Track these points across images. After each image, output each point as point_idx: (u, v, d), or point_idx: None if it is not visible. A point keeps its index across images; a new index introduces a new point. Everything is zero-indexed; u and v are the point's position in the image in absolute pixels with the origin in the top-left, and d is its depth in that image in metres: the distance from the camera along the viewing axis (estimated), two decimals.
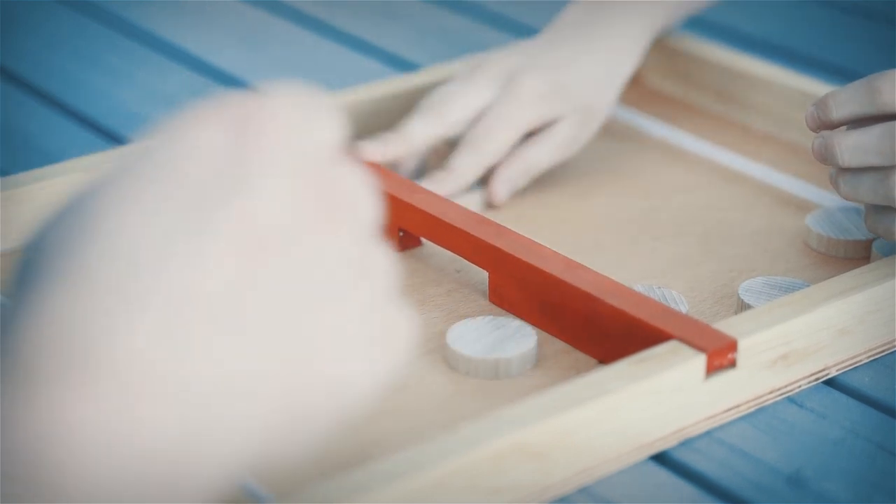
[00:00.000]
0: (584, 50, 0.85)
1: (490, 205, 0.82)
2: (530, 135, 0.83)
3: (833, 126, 0.70)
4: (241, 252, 0.37)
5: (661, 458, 0.61)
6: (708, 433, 0.62)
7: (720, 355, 0.61)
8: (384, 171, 0.77)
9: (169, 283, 0.36)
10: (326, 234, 0.39)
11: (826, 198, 0.81)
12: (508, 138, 0.81)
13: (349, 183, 0.40)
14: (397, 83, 0.90)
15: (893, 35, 1.09)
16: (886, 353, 0.68)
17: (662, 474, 0.60)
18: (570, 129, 0.83)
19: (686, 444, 0.61)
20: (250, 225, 0.37)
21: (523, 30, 1.10)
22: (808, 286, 0.69)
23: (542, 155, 0.82)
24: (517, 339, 0.66)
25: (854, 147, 0.68)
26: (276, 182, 0.38)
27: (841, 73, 0.72)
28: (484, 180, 0.82)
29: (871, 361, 0.67)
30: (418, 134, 0.82)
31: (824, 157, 0.69)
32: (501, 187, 0.81)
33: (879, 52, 0.71)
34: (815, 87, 0.88)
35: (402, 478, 0.52)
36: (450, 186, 0.80)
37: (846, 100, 0.69)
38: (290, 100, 0.40)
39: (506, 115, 0.81)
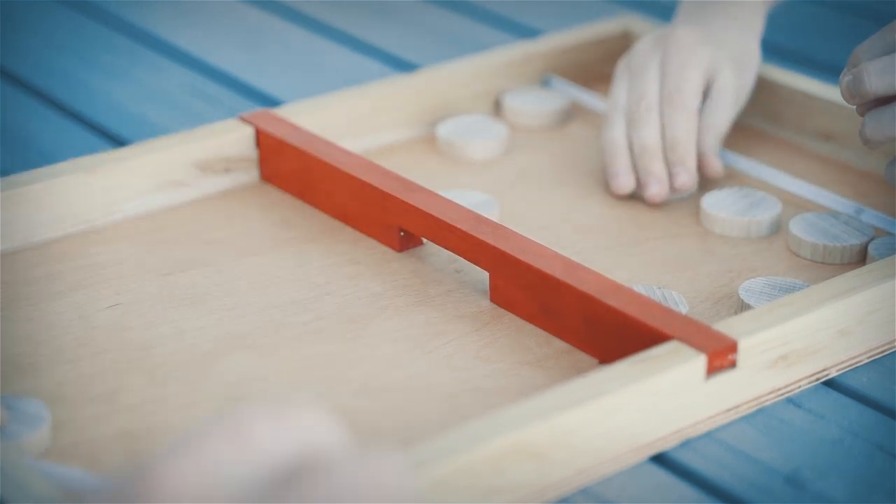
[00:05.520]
0: (721, 14, 0.87)
1: (712, 179, 0.83)
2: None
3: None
4: None
5: (661, 459, 0.61)
6: (707, 434, 0.62)
7: (720, 356, 0.61)
8: (383, 171, 0.77)
9: None
10: None
11: (826, 197, 0.81)
12: (697, 85, 0.82)
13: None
14: (397, 83, 0.90)
15: None
16: (886, 353, 0.68)
17: (662, 474, 0.60)
18: (732, 80, 0.84)
19: (686, 444, 0.61)
20: None
21: (523, 30, 1.10)
22: (807, 286, 0.69)
23: (723, 116, 0.83)
24: (765, 205, 0.79)
25: (882, 69, 0.71)
26: None
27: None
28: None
29: (870, 362, 0.68)
30: (651, 142, 0.82)
31: (853, 90, 0.72)
32: (715, 161, 0.82)
33: None
34: (815, 86, 0.88)
35: None
36: (689, 176, 0.81)
37: (870, 46, 0.72)
38: None
39: (678, 63, 0.83)
